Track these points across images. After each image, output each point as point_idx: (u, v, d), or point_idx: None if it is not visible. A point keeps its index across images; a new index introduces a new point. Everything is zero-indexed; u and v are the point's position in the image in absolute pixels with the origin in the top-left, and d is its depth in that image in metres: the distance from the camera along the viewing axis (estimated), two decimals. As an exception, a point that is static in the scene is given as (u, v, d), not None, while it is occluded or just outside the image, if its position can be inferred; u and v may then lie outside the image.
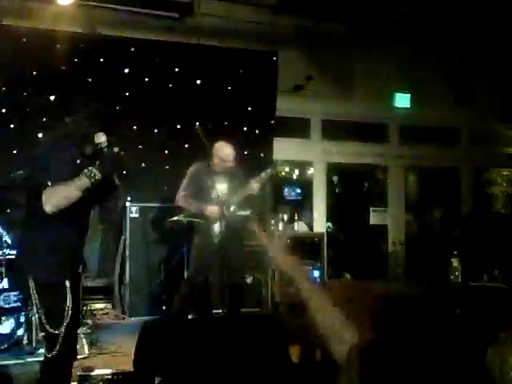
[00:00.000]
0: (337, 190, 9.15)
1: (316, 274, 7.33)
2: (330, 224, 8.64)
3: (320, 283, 6.91)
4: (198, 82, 7.42)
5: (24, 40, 6.62)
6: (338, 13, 7.39)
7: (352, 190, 9.11)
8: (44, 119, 6.69)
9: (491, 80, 8.69)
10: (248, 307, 6.24)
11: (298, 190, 8.57)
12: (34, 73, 6.67)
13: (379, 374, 1.45)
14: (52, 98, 6.76)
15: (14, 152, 6.49)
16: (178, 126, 7.23)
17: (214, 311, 5.85)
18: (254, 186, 5.41)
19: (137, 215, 6.40)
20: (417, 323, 1.60)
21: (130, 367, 3.47)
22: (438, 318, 1.71)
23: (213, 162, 5.45)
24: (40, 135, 6.61)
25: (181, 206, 5.48)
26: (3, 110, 6.58)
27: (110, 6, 6.83)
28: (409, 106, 8.65)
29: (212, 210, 5.31)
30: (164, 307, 6.35)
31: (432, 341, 1.53)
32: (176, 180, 5.73)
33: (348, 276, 8.07)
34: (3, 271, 5.00)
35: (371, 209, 8.80)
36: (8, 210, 5.96)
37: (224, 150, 5.45)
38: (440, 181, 9.16)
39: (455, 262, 6.07)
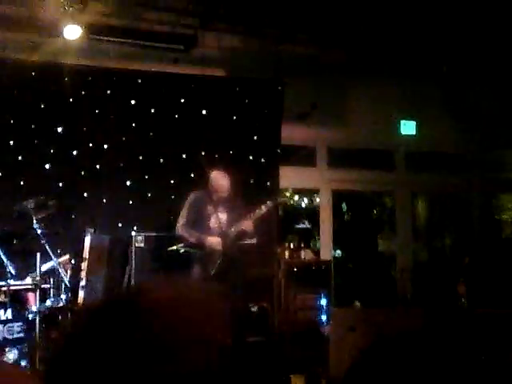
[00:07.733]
0: (345, 217, 9.12)
1: (323, 301, 7.26)
2: (339, 251, 8.59)
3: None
4: (204, 112, 7.49)
5: (33, 74, 6.78)
6: (339, 40, 7.47)
7: (360, 217, 9.07)
8: (51, 150, 6.82)
9: (499, 105, 8.64)
10: (254, 336, 6.18)
11: (305, 219, 8.55)
12: (42, 105, 6.81)
13: None
14: (60, 129, 6.89)
15: (22, 183, 6.60)
16: (184, 156, 7.28)
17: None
18: (247, 224, 5.39)
19: (142, 244, 6.42)
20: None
21: None
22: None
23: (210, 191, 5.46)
24: (47, 166, 6.76)
25: (181, 235, 5.48)
26: (11, 142, 6.70)
27: (117, 39, 6.96)
28: (415, 133, 8.64)
29: (213, 240, 5.30)
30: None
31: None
32: (181, 209, 5.75)
33: (358, 304, 7.97)
34: (7, 302, 5.03)
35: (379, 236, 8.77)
36: (14, 241, 6.01)
37: (218, 181, 5.47)
38: (450, 207, 9.10)
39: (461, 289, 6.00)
